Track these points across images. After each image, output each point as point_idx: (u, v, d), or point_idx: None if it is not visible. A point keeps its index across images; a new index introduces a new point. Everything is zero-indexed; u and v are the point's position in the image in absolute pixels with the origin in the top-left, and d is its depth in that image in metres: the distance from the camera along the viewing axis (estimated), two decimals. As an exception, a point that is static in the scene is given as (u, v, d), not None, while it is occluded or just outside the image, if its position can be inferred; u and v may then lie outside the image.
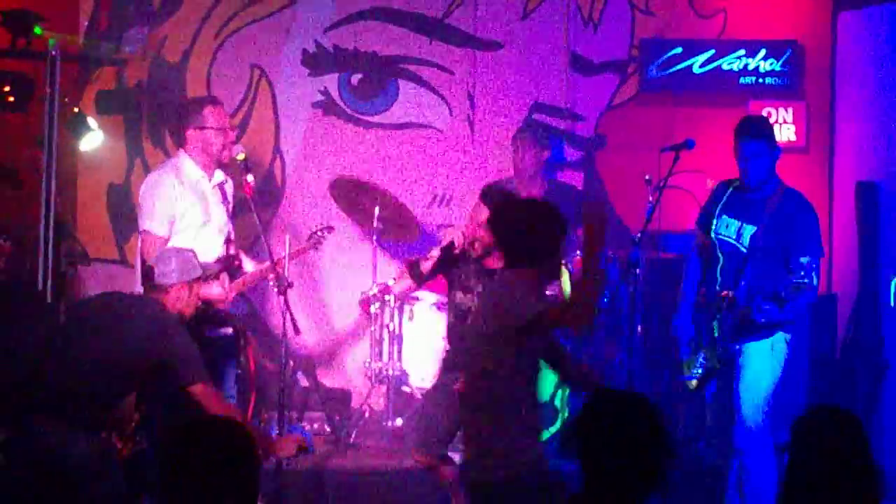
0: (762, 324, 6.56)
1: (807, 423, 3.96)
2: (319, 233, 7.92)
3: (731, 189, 6.88)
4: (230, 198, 7.15)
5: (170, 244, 6.74)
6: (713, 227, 6.84)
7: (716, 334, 6.68)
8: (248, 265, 7.32)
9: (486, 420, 5.23)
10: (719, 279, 6.75)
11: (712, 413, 6.99)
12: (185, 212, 6.90)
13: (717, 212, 6.86)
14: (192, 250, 6.29)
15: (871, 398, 8.02)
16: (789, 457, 3.91)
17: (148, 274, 6.04)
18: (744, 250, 6.67)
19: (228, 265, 7.04)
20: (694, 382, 6.83)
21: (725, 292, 6.63)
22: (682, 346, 6.92)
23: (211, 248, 6.92)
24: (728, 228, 6.77)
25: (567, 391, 7.91)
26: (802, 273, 6.47)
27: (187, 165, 6.99)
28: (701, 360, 6.79)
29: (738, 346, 6.68)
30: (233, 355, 7.18)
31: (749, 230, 6.68)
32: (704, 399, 7.05)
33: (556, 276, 6.13)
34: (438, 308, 8.42)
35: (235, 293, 7.15)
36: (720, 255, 6.78)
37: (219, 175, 7.09)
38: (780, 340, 6.67)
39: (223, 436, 3.63)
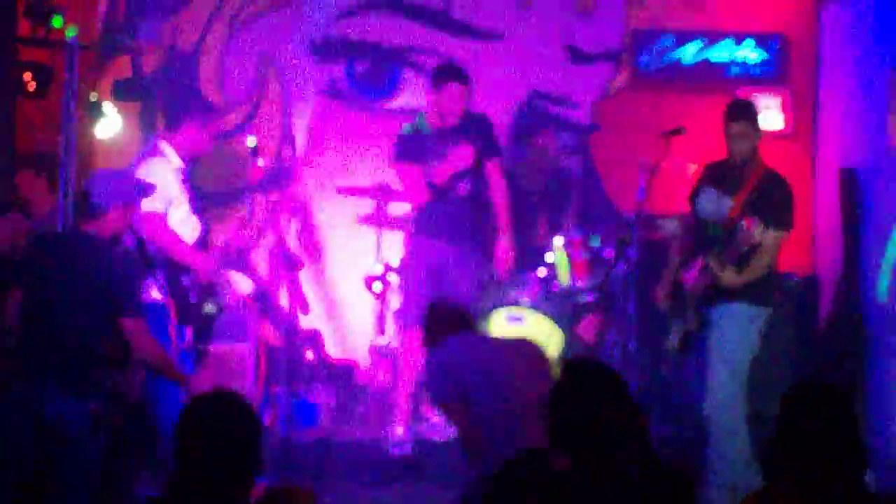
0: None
1: (794, 397, 4.01)
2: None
3: (715, 165, 7.08)
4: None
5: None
6: (697, 200, 7.03)
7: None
8: None
9: None
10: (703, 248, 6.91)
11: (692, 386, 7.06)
12: (175, 198, 6.96)
13: (701, 186, 7.05)
14: (131, 172, 6.45)
15: (852, 378, 8.16)
16: (776, 430, 3.95)
17: (85, 197, 6.01)
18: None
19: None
20: (673, 344, 6.98)
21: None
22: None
23: (193, 229, 7.07)
24: (709, 200, 6.93)
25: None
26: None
27: (173, 155, 7.05)
28: (679, 325, 6.95)
29: (709, 310, 6.81)
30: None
31: (728, 202, 6.83)
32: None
33: None
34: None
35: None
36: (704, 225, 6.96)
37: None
38: (744, 307, 6.79)
39: (225, 408, 3.68)
